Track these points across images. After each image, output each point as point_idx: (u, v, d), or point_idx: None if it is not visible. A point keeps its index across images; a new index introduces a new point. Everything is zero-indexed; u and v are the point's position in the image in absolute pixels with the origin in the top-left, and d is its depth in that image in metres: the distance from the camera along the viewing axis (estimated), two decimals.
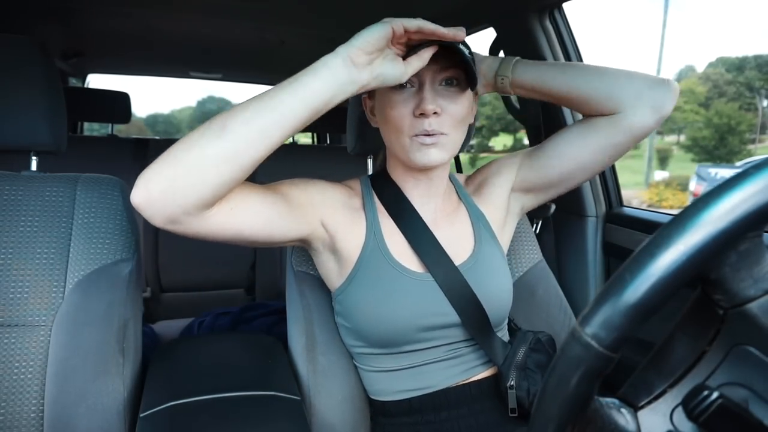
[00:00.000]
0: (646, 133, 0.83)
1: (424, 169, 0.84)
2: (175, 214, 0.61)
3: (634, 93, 0.80)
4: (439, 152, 0.79)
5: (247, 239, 0.73)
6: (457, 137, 0.81)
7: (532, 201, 0.96)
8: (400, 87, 0.78)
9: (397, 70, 0.69)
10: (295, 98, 0.63)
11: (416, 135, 0.78)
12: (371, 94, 0.87)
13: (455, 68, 0.78)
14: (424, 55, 0.71)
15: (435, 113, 0.77)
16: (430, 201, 0.89)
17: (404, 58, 0.71)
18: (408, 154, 0.80)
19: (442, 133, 0.78)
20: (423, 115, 0.77)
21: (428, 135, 0.77)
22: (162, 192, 0.60)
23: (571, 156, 0.87)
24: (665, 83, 0.81)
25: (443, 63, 0.77)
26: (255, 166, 0.64)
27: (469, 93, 0.82)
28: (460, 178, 0.99)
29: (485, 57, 0.90)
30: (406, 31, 0.68)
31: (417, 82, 0.79)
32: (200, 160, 0.60)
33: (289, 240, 0.80)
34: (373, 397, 0.91)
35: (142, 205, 0.61)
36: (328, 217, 0.82)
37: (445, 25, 0.76)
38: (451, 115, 0.79)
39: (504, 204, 0.94)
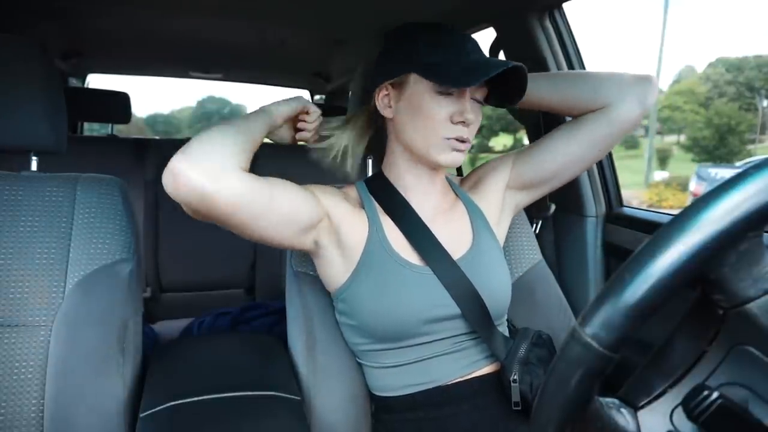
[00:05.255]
0: (632, 124, 0.90)
1: (436, 167, 0.89)
2: (214, 169, 0.70)
3: (618, 89, 0.88)
4: (462, 156, 0.86)
5: (275, 211, 0.76)
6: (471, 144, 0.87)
7: (526, 197, 0.99)
8: (445, 93, 0.82)
9: (287, 135, 0.93)
10: (254, 129, 0.81)
11: (450, 138, 0.83)
12: (395, 85, 0.85)
13: (485, 86, 0.85)
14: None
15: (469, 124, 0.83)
16: (427, 198, 0.91)
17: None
18: (434, 153, 0.84)
19: (469, 141, 0.84)
20: (463, 122, 0.82)
21: (461, 141, 0.83)
22: (203, 153, 0.71)
23: (563, 152, 0.92)
24: (646, 78, 0.89)
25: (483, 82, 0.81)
26: (246, 149, 0.76)
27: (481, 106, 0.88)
28: (455, 179, 1.02)
29: None
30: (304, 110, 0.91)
31: (456, 91, 0.82)
32: (216, 145, 0.73)
33: (307, 223, 0.80)
34: (376, 394, 0.91)
35: (183, 168, 0.69)
36: (332, 208, 0.85)
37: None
38: (475, 126, 0.85)
39: (499, 201, 0.97)
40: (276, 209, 0.76)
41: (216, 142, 0.72)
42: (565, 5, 1.25)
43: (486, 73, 0.77)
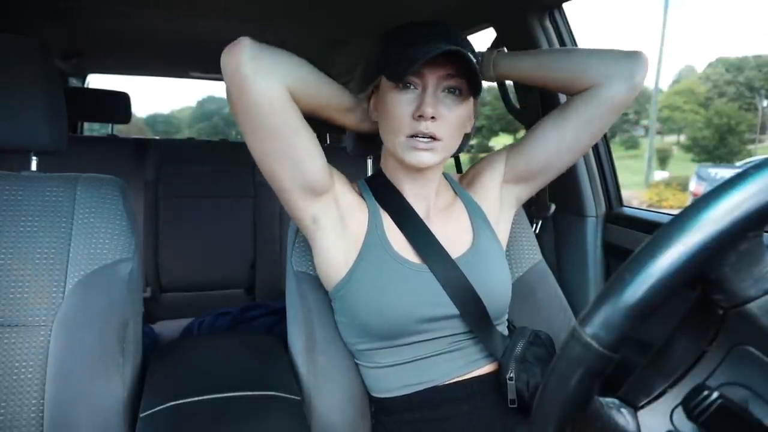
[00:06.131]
0: (621, 104, 0.86)
1: (417, 169, 0.86)
2: (268, 70, 0.72)
3: (603, 66, 0.84)
4: (432, 156, 0.82)
5: (293, 142, 0.77)
6: (451, 143, 0.84)
7: (524, 191, 0.98)
8: (404, 87, 0.81)
9: (365, 124, 0.92)
10: (329, 89, 0.84)
11: (412, 136, 0.80)
12: (376, 89, 0.88)
13: (459, 77, 0.81)
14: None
15: (433, 117, 0.79)
16: (424, 197, 0.91)
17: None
18: (401, 153, 0.83)
19: (436, 139, 0.81)
20: (421, 117, 0.79)
21: (423, 139, 0.80)
22: (271, 55, 0.74)
23: (554, 138, 0.90)
24: (634, 54, 0.84)
25: (449, 70, 0.80)
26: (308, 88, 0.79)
27: (469, 101, 0.85)
28: (455, 176, 1.01)
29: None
30: None
31: (420, 84, 0.81)
32: (285, 60, 0.76)
33: (314, 180, 0.80)
34: (374, 395, 0.91)
35: (246, 48, 0.71)
36: (341, 193, 0.85)
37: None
38: (448, 122, 0.81)
39: (497, 197, 0.96)
40: (294, 141, 0.76)
41: (287, 60, 0.76)
42: (565, 5, 1.25)
43: (416, 60, 0.75)
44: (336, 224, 0.85)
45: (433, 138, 0.80)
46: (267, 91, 0.72)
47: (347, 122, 0.90)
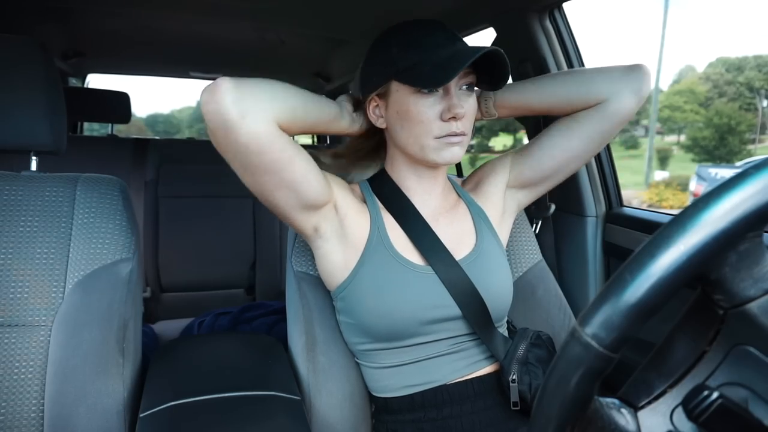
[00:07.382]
0: (628, 115, 0.88)
1: (436, 166, 0.88)
2: (249, 108, 0.69)
3: (610, 83, 0.86)
4: (461, 149, 0.84)
5: (287, 172, 0.74)
6: (470, 135, 0.86)
7: (527, 196, 0.99)
8: (428, 92, 0.81)
9: (356, 126, 0.90)
10: (316, 107, 0.81)
11: (443, 136, 0.81)
12: (381, 95, 0.86)
13: (473, 73, 0.83)
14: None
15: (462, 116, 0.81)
16: (429, 198, 0.91)
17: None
18: (430, 154, 0.83)
19: (464, 134, 0.83)
20: (453, 118, 0.80)
21: (455, 135, 0.81)
22: (250, 91, 0.70)
23: (561, 148, 0.92)
24: (638, 68, 0.86)
25: (466, 68, 0.80)
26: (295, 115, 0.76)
27: (475, 91, 0.86)
28: (457, 180, 1.02)
29: None
30: None
31: (442, 86, 0.81)
32: (267, 92, 0.72)
33: (313, 199, 0.79)
34: (375, 394, 0.91)
35: (225, 90, 0.67)
36: (340, 199, 0.85)
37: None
38: (468, 117, 0.83)
39: (500, 201, 0.97)
40: (289, 171, 0.75)
41: (269, 90, 0.72)
42: (565, 5, 1.25)
43: (458, 67, 0.75)
44: (337, 230, 0.85)
45: (463, 134, 0.82)
46: (255, 131, 0.69)
47: (336, 130, 0.88)
